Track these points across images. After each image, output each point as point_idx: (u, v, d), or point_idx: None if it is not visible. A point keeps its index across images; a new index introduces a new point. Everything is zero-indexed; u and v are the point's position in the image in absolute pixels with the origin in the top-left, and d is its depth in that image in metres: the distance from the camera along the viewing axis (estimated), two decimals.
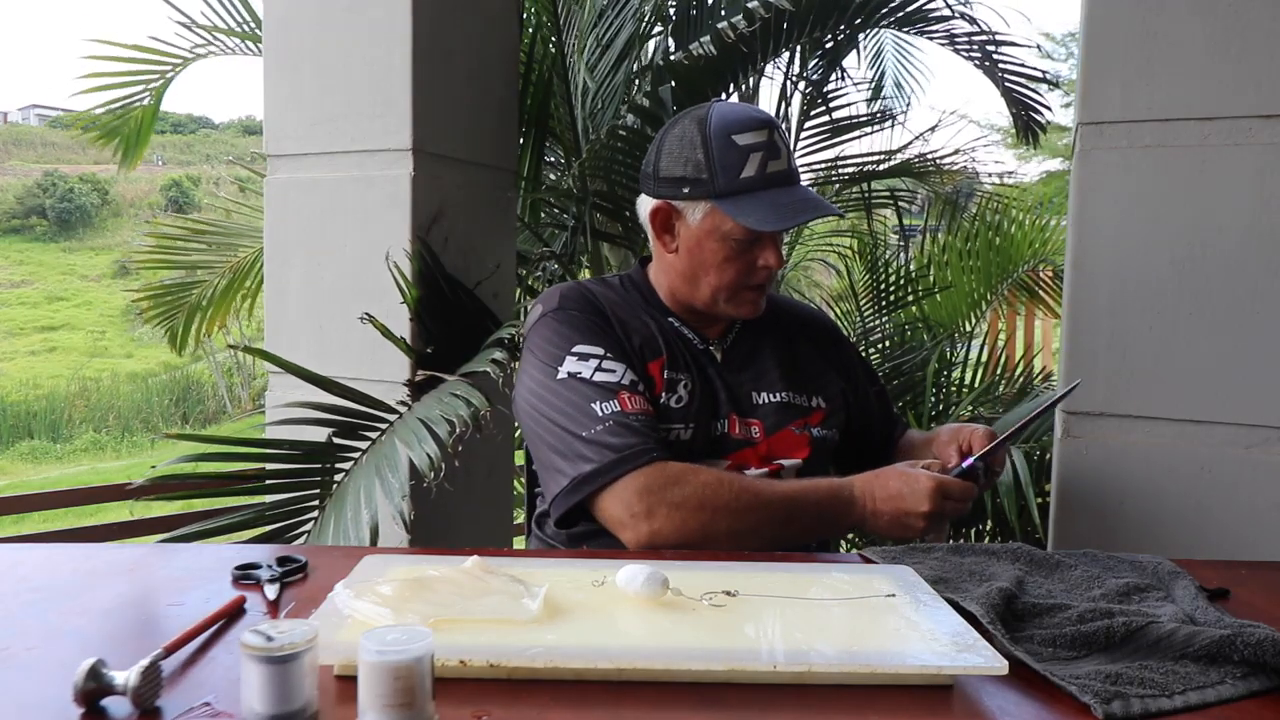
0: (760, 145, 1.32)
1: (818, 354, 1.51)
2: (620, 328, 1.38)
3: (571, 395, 1.29)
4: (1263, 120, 1.50)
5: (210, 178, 28.75)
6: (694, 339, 1.43)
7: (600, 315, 1.38)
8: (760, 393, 1.41)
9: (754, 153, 1.32)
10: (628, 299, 1.44)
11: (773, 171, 1.32)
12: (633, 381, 1.31)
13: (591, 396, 1.28)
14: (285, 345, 2.06)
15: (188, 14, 3.15)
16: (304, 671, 0.67)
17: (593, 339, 1.34)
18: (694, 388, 1.37)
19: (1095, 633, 0.86)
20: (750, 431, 1.38)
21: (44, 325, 21.31)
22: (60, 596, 0.97)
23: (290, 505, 1.77)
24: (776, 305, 1.55)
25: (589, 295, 1.41)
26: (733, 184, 1.32)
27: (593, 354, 1.32)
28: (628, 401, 1.27)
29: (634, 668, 0.77)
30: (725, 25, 2.47)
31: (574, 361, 1.31)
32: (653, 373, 1.36)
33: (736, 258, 1.35)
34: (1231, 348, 1.52)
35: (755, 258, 1.35)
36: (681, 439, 1.34)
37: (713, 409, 1.38)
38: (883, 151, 3.80)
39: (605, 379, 1.30)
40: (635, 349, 1.36)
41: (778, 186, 1.32)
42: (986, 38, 3.26)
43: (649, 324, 1.40)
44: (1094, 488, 1.62)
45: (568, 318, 1.37)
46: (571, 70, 2.78)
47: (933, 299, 3.41)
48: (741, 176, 1.32)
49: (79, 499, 4.40)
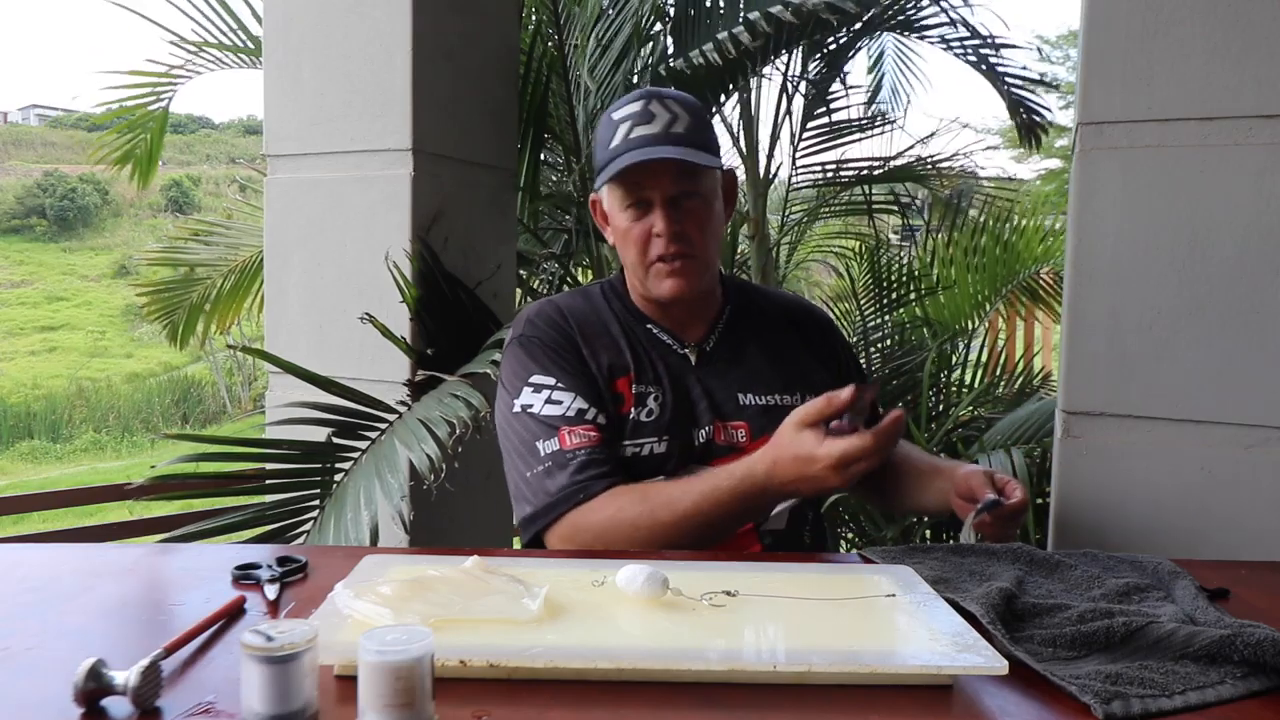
0: (631, 115, 1.33)
1: (806, 348, 1.48)
2: (587, 346, 1.36)
3: (522, 430, 1.32)
4: (1263, 120, 1.50)
5: (210, 178, 28.77)
6: (671, 344, 1.40)
7: (564, 338, 1.36)
8: (745, 394, 1.39)
9: (623, 124, 1.33)
10: (604, 311, 1.42)
11: (637, 136, 1.31)
12: (579, 412, 1.30)
13: (536, 433, 1.30)
14: (285, 345, 2.07)
15: (180, 33, 3.19)
16: (304, 671, 0.67)
17: (548, 368, 1.33)
18: (665, 399, 1.35)
19: (1095, 633, 0.86)
20: (736, 436, 1.35)
21: (44, 325, 21.30)
22: (60, 596, 0.97)
23: (290, 505, 1.77)
24: (766, 298, 1.53)
25: (557, 317, 1.39)
26: (604, 157, 1.34)
27: (545, 384, 1.32)
28: (567, 437, 1.28)
29: (634, 668, 0.77)
30: (726, 37, 2.48)
31: (528, 393, 1.33)
32: (621, 389, 1.34)
33: (633, 231, 1.35)
34: (1231, 348, 1.52)
35: (649, 227, 1.33)
36: (656, 452, 1.33)
37: (691, 418, 1.36)
38: (882, 157, 3.80)
39: (550, 412, 1.30)
40: (602, 368, 1.35)
41: (639, 147, 1.30)
42: (985, 41, 3.26)
43: (619, 339, 1.38)
44: (1094, 488, 1.62)
45: (529, 344, 1.36)
46: (571, 70, 2.78)
47: (934, 299, 3.40)
48: (610, 147, 1.33)
49: (79, 499, 4.40)
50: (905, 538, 2.63)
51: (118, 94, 3.37)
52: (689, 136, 1.33)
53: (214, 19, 3.15)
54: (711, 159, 1.33)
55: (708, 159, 1.32)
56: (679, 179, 1.32)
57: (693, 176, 1.33)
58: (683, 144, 1.31)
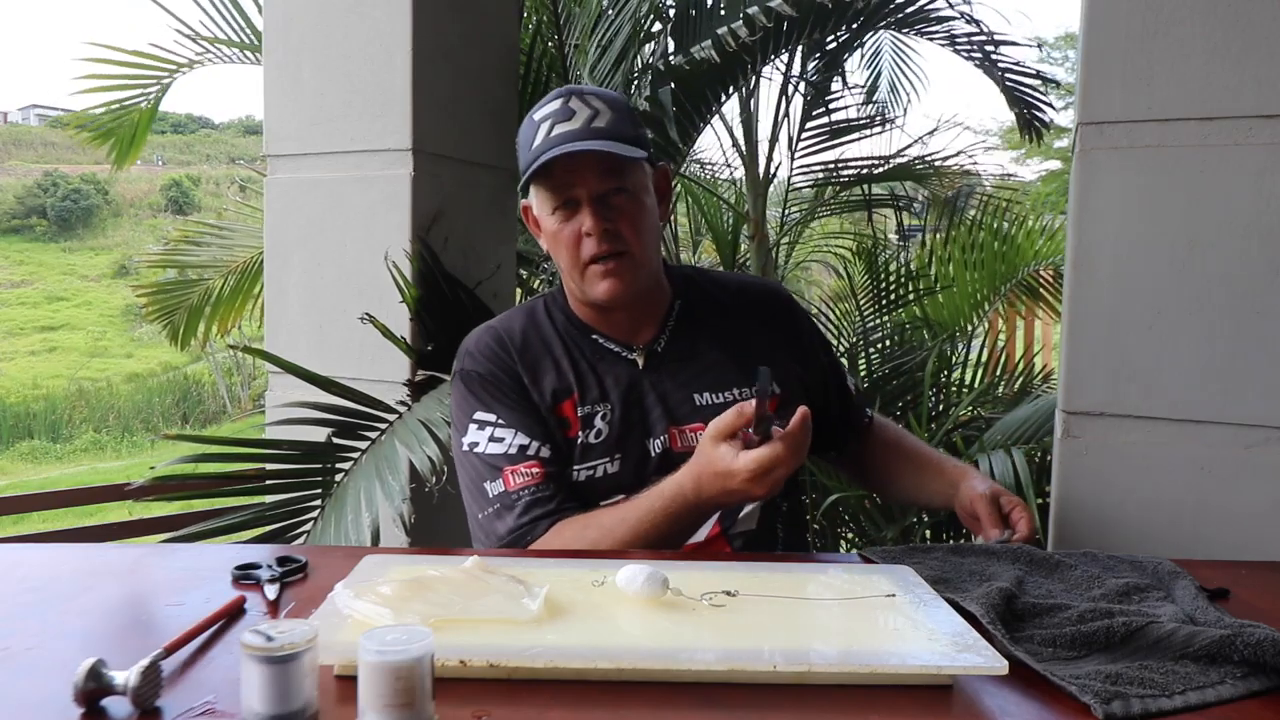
0: (551, 114, 1.29)
1: (766, 332, 1.42)
2: (528, 373, 1.33)
3: (471, 470, 1.32)
4: (1263, 120, 1.50)
5: (210, 178, 28.77)
6: (620, 350, 1.36)
7: (503, 370, 1.33)
8: (701, 393, 1.34)
9: (544, 122, 1.29)
10: (545, 329, 1.38)
11: (558, 133, 1.27)
12: (520, 449, 1.29)
13: (483, 475, 1.30)
14: (285, 345, 2.07)
15: (187, 22, 3.16)
16: (304, 671, 0.67)
17: (489, 405, 1.32)
18: (614, 416, 1.32)
19: (1095, 633, 0.86)
20: (694, 440, 1.28)
21: (44, 325, 21.31)
22: (60, 596, 0.97)
23: (290, 505, 1.77)
24: (719, 286, 1.47)
25: (496, 346, 1.35)
26: (526, 158, 1.30)
27: (487, 421, 1.31)
28: (511, 478, 1.27)
29: (634, 668, 0.77)
30: (726, 32, 2.47)
31: (474, 430, 1.32)
32: (566, 413, 1.32)
33: (562, 233, 1.30)
34: (1231, 348, 1.52)
35: (579, 228, 1.28)
36: (609, 472, 1.31)
37: (643, 428, 1.32)
38: (882, 156, 3.80)
39: (494, 451, 1.29)
40: (545, 394, 1.32)
41: (561, 145, 1.25)
42: (986, 37, 3.26)
43: (561, 359, 1.34)
44: (1094, 488, 1.62)
45: (469, 379, 1.34)
46: (571, 70, 2.78)
47: (934, 299, 3.40)
48: (532, 148, 1.28)
49: (79, 499, 4.40)
50: (905, 538, 2.63)
51: (108, 84, 3.27)
52: (611, 130, 1.27)
53: (215, 15, 3.14)
54: (635, 151, 1.28)
55: (632, 151, 1.27)
56: (605, 176, 1.28)
57: (619, 173, 1.28)
58: (605, 138, 1.26)
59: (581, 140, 1.25)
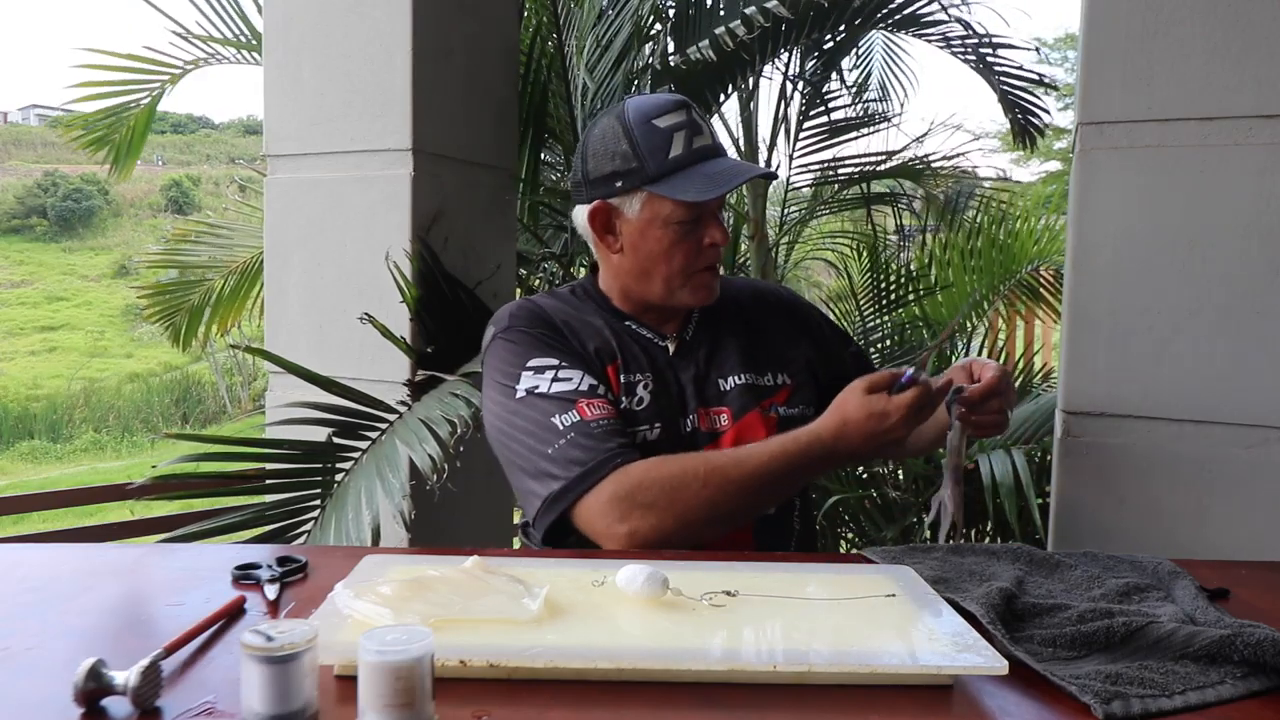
0: (682, 124, 1.32)
1: (777, 328, 1.49)
2: (574, 336, 1.37)
3: (532, 412, 1.28)
4: (1263, 120, 1.50)
5: (210, 178, 28.76)
6: (652, 337, 1.41)
7: (550, 327, 1.37)
8: (725, 378, 1.40)
9: (677, 132, 1.32)
10: (580, 307, 1.42)
11: (699, 146, 1.32)
12: (591, 386, 1.30)
13: (551, 410, 1.27)
14: (285, 345, 2.07)
15: (185, 25, 3.15)
16: (304, 671, 0.67)
17: (545, 351, 1.33)
18: (654, 387, 1.36)
19: (1095, 633, 0.86)
20: (718, 422, 1.37)
21: (44, 325, 21.30)
22: (60, 596, 0.97)
23: (290, 505, 1.77)
24: (730, 287, 1.52)
25: (537, 310, 1.39)
26: (663, 166, 1.31)
27: (547, 365, 1.31)
28: (586, 409, 1.26)
29: (634, 668, 0.77)
30: (724, 32, 2.48)
31: (530, 376, 1.30)
32: (610, 377, 1.35)
33: (682, 241, 1.34)
34: (1231, 347, 1.52)
35: (701, 237, 1.34)
36: (649, 439, 1.32)
37: (679, 406, 1.37)
38: (880, 154, 3.80)
39: (562, 389, 1.29)
40: (591, 354, 1.36)
41: (706, 160, 1.32)
42: (980, 40, 3.26)
43: (603, 329, 1.39)
44: (1094, 488, 1.62)
45: (518, 335, 1.35)
46: (571, 70, 2.78)
47: (933, 299, 3.40)
48: (670, 157, 1.31)
49: (79, 499, 4.39)
50: (905, 538, 2.63)
51: (105, 90, 3.27)
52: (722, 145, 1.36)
53: (215, 15, 3.14)
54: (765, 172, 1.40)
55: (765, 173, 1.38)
56: None
57: None
58: (723, 153, 1.35)
59: (721, 158, 1.34)
